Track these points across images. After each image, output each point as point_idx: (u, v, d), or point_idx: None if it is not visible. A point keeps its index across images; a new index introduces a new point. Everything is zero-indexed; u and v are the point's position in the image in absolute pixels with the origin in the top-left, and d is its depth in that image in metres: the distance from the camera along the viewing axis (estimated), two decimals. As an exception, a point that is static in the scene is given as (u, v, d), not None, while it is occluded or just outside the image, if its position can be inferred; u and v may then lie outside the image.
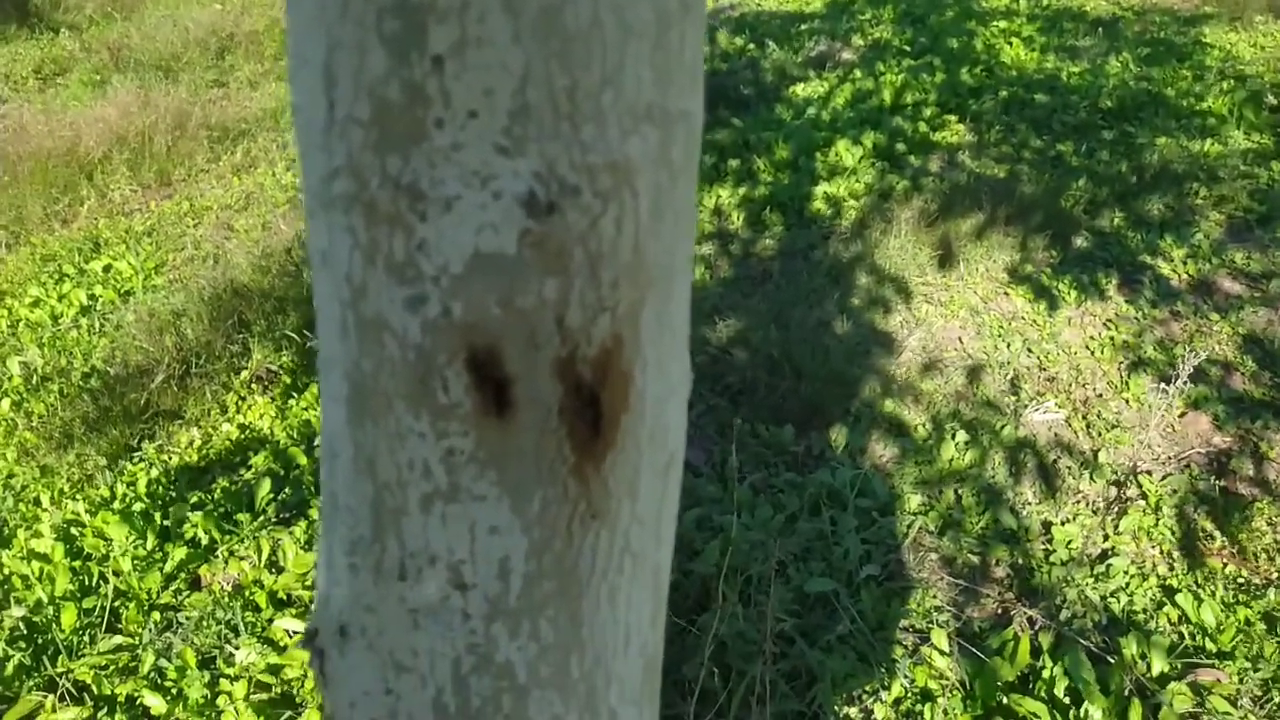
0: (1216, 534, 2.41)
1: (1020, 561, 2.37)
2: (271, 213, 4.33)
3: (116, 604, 2.30)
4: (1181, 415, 2.82)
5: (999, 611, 2.25)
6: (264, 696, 2.06)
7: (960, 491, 2.58)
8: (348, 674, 0.41)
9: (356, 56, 0.29)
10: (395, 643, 0.39)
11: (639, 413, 0.37)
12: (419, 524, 0.37)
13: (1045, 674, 1.99)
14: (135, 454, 2.85)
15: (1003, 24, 6.09)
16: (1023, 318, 3.31)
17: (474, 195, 0.30)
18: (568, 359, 0.33)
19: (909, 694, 2.01)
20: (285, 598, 2.36)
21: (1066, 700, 1.93)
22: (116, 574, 2.37)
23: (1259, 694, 1.98)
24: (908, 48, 5.82)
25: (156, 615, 2.26)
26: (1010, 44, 5.71)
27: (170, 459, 2.84)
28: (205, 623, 2.22)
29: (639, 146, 0.31)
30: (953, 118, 4.83)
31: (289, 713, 2.03)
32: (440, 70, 0.28)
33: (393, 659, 0.39)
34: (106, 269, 3.92)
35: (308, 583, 2.41)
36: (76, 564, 2.43)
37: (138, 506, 2.57)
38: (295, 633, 2.23)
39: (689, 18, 0.32)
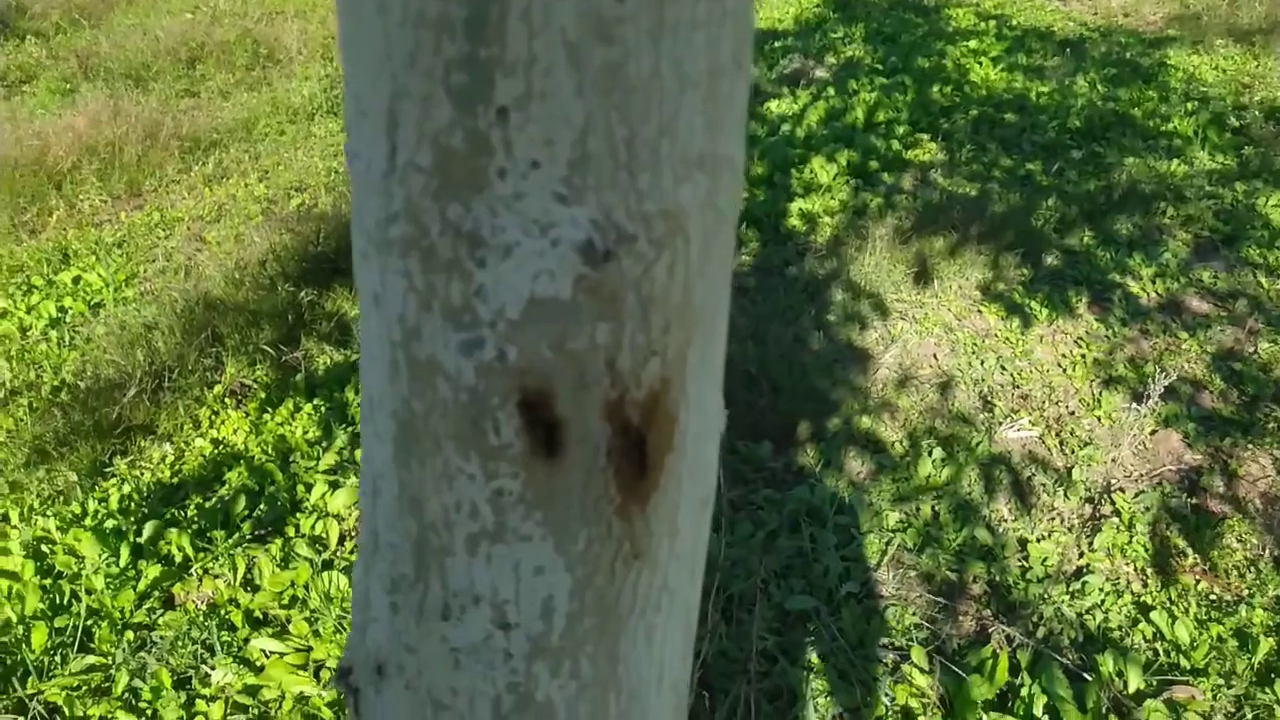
0: (1189, 551, 2.45)
1: (997, 578, 2.40)
2: (245, 224, 4.29)
3: (89, 623, 2.25)
4: (1153, 433, 2.87)
5: (977, 629, 2.27)
6: (241, 717, 2.03)
7: (937, 508, 2.60)
8: (383, 712, 0.41)
9: (421, 106, 0.29)
10: (435, 682, 0.39)
11: (681, 452, 0.37)
12: (464, 564, 0.37)
13: (1024, 692, 2.01)
14: (107, 469, 2.80)
15: (972, 44, 6.18)
16: (996, 335, 3.35)
17: (533, 243, 0.30)
18: (617, 401, 0.34)
19: (890, 712, 2.02)
20: (261, 616, 2.33)
21: (1045, 718, 1.95)
22: (89, 592, 2.32)
23: (1232, 710, 2.01)
24: (879, 66, 5.89)
25: (130, 635, 2.22)
26: (979, 64, 5.80)
27: (143, 475, 2.80)
28: (180, 642, 2.18)
29: (691, 193, 0.32)
30: (924, 136, 4.90)
31: (266, 734, 2.00)
32: (505, 121, 0.28)
33: (431, 698, 0.39)
34: (76, 280, 3.86)
35: (284, 601, 2.39)
36: (47, 582, 2.39)
37: (110, 523, 2.53)
38: (272, 653, 2.21)
39: (739, 67, 0.33)
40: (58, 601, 2.35)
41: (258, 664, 2.17)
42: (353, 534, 2.65)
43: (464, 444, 0.34)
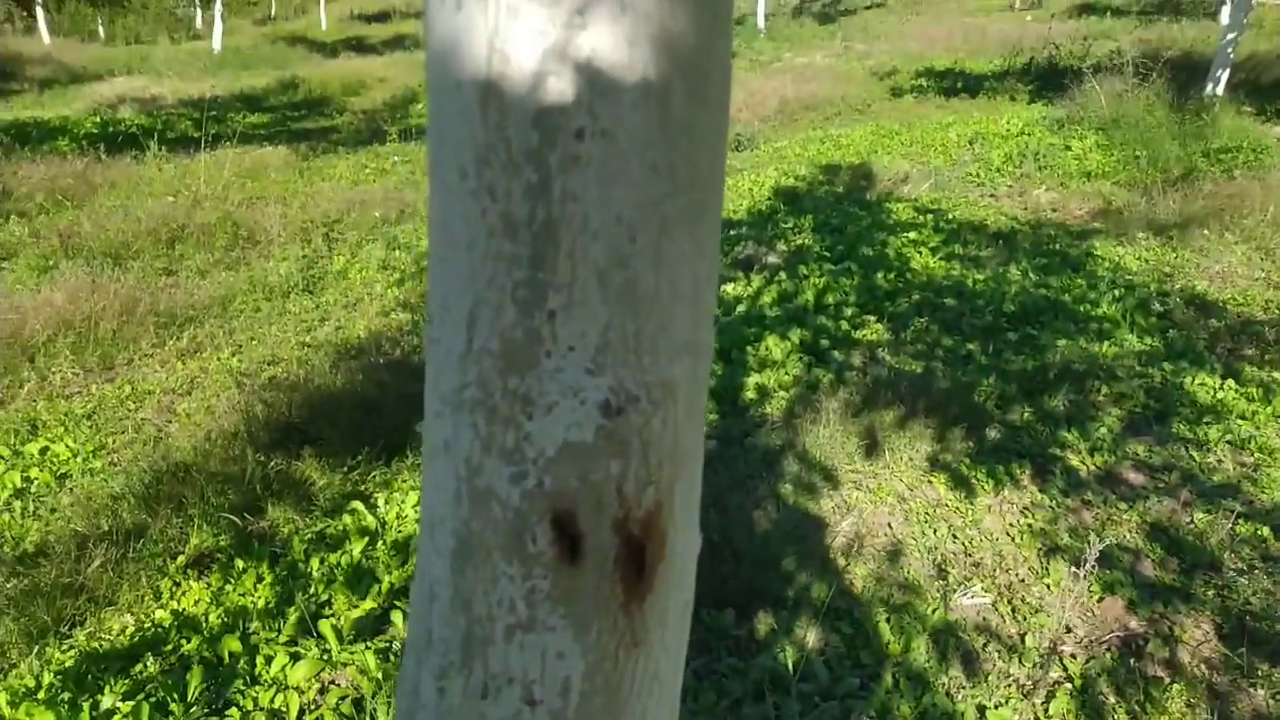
0: (1141, 715, 2.51)
1: (958, 745, 2.43)
2: (216, 396, 4.39)
3: (38, 802, 2.19)
4: (1099, 600, 2.98)
5: (940, 796, 2.28)
6: None
7: (896, 675, 2.65)
8: (428, 785, 0.50)
9: (494, 310, 0.42)
10: (473, 753, 0.49)
11: (670, 562, 0.49)
12: (502, 651, 0.48)
13: None
14: (65, 640, 2.77)
15: (911, 235, 6.66)
16: (946, 504, 3.50)
17: (568, 402, 0.43)
18: (623, 519, 0.46)
19: None
20: (218, 793, 2.27)
21: None
22: (39, 769, 2.26)
23: None
24: (827, 254, 6.30)
25: (81, 813, 2.16)
26: (919, 253, 6.23)
27: (101, 646, 2.76)
28: (133, 821, 2.12)
29: (679, 369, 0.45)
30: (871, 317, 5.21)
31: None
32: (553, 321, 0.42)
33: (469, 769, 0.49)
34: (43, 451, 3.89)
35: (241, 777, 2.33)
36: (-6, 760, 2.32)
37: (64, 696, 2.48)
38: (226, 831, 2.15)
39: (710, 283, 0.47)
40: (4, 781, 2.28)
41: (213, 843, 2.10)
42: (312, 707, 2.62)
43: (508, 552, 0.46)
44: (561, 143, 0.40)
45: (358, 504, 3.46)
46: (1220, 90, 9.89)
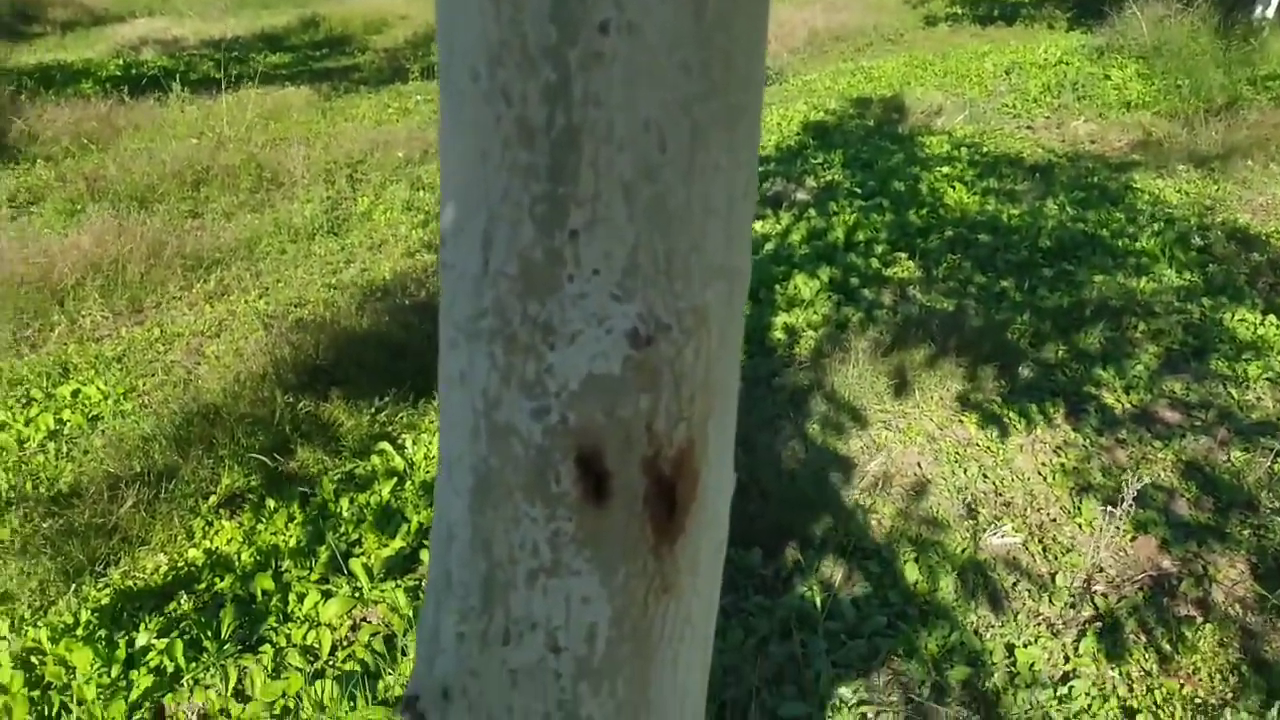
0: (1173, 655, 2.49)
1: (985, 684, 2.42)
2: (244, 339, 4.40)
3: (80, 734, 2.24)
4: (1132, 539, 2.94)
5: (969, 733, 2.28)
6: (232, 829, 2.01)
7: (924, 613, 2.64)
8: (448, 732, 0.48)
9: (511, 228, 0.39)
10: (494, 701, 0.46)
11: (703, 503, 0.46)
12: (524, 596, 0.45)
13: (1017, 795, 2.02)
14: (100, 579, 2.82)
15: (945, 169, 6.50)
16: (977, 444, 3.45)
17: (592, 331, 0.39)
18: (653, 457, 0.42)
19: (885, 817, 2.02)
20: (254, 727, 2.32)
21: (1039, 821, 1.96)
22: (79, 703, 2.31)
23: (1223, 812, 2.02)
24: (858, 190, 6.18)
25: (122, 746, 2.21)
26: (953, 187, 6.09)
27: (135, 584, 2.81)
28: (172, 753, 2.17)
29: (713, 294, 0.41)
30: (902, 255, 5.11)
31: (257, 847, 1.98)
32: (575, 240, 0.38)
33: (490, 717, 0.46)
34: (75, 394, 3.93)
35: (276, 711, 2.38)
36: (36, 694, 2.38)
37: (101, 633, 2.53)
38: (263, 763, 2.19)
39: (747, 199, 0.43)
40: (46, 713, 2.34)
41: (250, 774, 2.15)
42: (344, 643, 2.65)
43: (530, 492, 0.42)
44: (583, 38, 0.35)
45: (385, 445, 3.47)
46: (1270, 13, 9.50)
